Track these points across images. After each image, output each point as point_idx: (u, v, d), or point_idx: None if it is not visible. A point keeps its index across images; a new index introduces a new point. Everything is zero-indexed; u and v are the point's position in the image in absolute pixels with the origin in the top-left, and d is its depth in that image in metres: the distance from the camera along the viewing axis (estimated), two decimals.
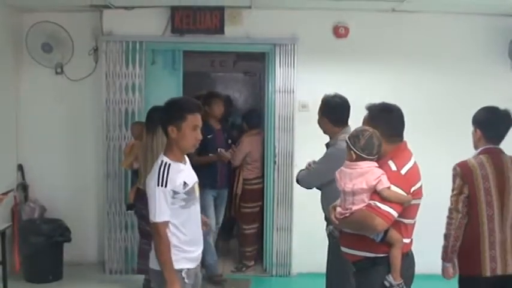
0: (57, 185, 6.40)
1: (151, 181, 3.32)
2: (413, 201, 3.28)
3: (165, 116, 3.42)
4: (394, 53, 6.21)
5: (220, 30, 6.08)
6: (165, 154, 3.41)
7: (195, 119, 3.37)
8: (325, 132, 4.37)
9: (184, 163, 3.49)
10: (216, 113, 6.18)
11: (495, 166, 3.76)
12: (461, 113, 4.63)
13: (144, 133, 5.19)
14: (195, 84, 7.17)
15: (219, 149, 6.03)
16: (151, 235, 3.55)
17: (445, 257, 3.84)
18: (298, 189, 4.99)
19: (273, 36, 6.15)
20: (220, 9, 6.04)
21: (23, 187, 6.36)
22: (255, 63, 7.82)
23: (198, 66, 7.92)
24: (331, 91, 5.99)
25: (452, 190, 3.79)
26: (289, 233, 6.33)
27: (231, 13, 6.10)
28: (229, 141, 6.34)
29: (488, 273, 3.69)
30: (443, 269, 3.89)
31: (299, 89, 6.12)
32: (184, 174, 3.41)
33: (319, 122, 4.39)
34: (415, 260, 3.50)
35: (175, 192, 3.32)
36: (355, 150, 3.22)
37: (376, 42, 6.20)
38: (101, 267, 6.34)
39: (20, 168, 6.37)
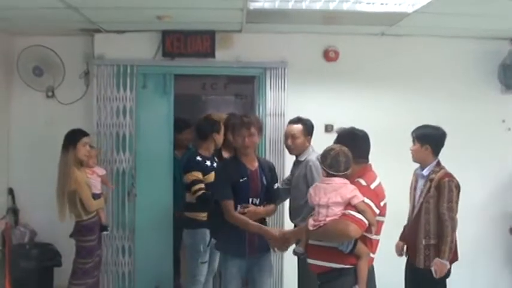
0: (48, 209, 6.28)
1: None
2: (379, 218, 3.57)
3: None
4: (384, 76, 6.24)
5: (211, 54, 6.09)
6: None
7: None
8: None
9: None
10: (241, 143, 4.35)
11: None
12: (451, 136, 4.68)
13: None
14: (186, 107, 7.14)
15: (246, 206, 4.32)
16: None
17: (449, 257, 4.37)
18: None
19: (264, 60, 6.18)
20: (211, 33, 6.06)
21: (14, 211, 6.31)
22: (246, 86, 7.81)
23: (189, 89, 7.89)
24: (321, 114, 6.09)
25: (451, 200, 4.38)
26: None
27: (221, 37, 6.12)
28: (276, 185, 4.59)
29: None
30: (445, 268, 4.36)
31: (289, 112, 6.04)
32: None
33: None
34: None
35: None
36: (324, 168, 3.57)
37: (366, 66, 6.24)
38: None
39: (11, 192, 6.34)
